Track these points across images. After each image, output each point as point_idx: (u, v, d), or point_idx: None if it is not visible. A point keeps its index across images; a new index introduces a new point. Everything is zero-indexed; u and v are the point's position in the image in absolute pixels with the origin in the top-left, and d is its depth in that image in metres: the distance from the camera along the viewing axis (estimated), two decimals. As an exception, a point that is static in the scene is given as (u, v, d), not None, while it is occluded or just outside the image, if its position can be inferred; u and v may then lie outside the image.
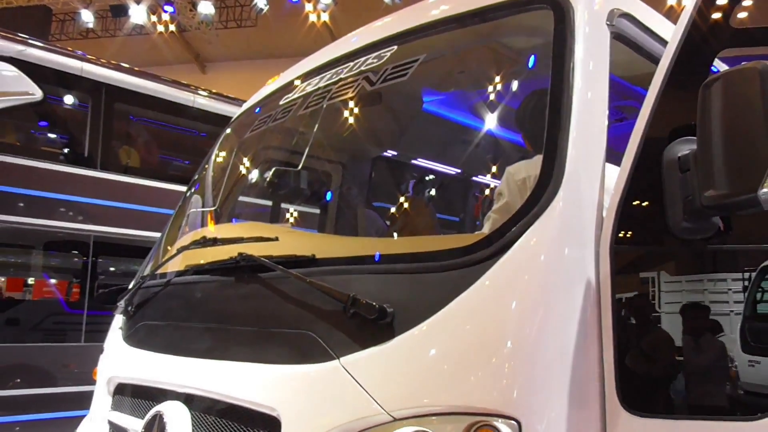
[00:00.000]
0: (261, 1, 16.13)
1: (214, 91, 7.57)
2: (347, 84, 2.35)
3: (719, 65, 1.88)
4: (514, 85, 2.15)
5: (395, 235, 2.33)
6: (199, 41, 20.39)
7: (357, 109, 2.36)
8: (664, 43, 1.68)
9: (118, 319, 2.62)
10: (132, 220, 6.08)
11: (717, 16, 1.57)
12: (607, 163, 1.70)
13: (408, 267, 1.65)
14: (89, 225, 5.93)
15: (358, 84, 2.30)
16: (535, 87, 2.04)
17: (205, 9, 17.02)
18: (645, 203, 1.57)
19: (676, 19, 1.64)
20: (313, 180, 3.05)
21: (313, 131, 2.42)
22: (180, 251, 2.49)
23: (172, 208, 3.26)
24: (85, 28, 18.96)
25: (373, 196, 3.07)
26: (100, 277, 6.14)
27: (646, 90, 1.60)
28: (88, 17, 18.20)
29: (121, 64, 6.87)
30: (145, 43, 18.81)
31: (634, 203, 1.54)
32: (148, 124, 7.61)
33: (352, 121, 2.36)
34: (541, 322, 1.45)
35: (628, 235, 1.54)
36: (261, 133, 2.93)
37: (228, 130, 3.31)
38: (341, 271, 1.78)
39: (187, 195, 3.18)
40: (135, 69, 6.92)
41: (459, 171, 2.22)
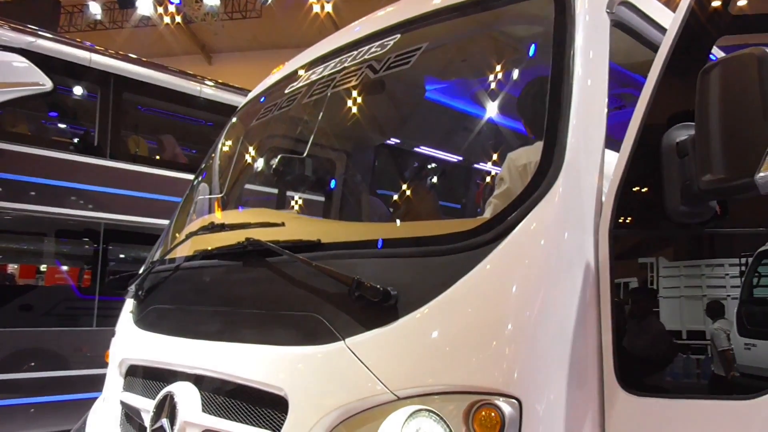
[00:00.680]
0: (265, -8, 16.11)
1: (220, 81, 7.60)
2: (351, 72, 2.38)
3: (718, 54, 1.89)
4: (515, 72, 2.17)
5: (398, 220, 2.37)
6: (205, 32, 20.39)
7: (361, 96, 2.39)
8: (664, 30, 1.69)
9: (129, 303, 2.68)
10: (141, 208, 6.15)
11: (716, 3, 1.59)
12: (606, 150, 1.73)
13: (411, 251, 1.68)
14: (100, 213, 6.01)
15: (362, 72, 2.32)
16: (535, 74, 2.06)
17: (211, 0, 17.03)
18: (643, 188, 1.59)
19: (675, 8, 1.65)
20: (317, 167, 3.08)
21: (318, 119, 2.45)
22: (188, 237, 2.54)
23: (179, 195, 3.31)
24: (93, 20, 19.02)
25: (377, 182, 3.10)
26: (111, 264, 6.22)
27: (646, 78, 1.62)
28: (95, 9, 18.26)
29: (129, 54, 6.91)
30: (152, 35, 18.85)
31: (632, 188, 1.57)
32: (156, 113, 7.67)
33: (355, 109, 2.39)
34: (541, 305, 1.49)
35: (627, 220, 1.57)
36: (266, 122, 2.97)
37: (234, 119, 3.35)
38: (346, 255, 1.81)
39: (195, 183, 3.23)
40: (143, 60, 6.96)
41: (461, 158, 2.24)
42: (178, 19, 18.67)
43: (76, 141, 6.47)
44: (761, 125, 1.35)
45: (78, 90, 6.54)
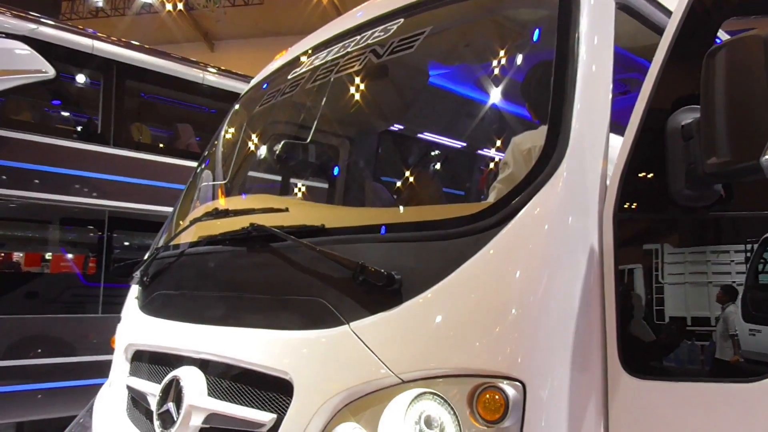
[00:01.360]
0: (268, -22, 15.98)
1: (223, 68, 7.58)
2: (354, 57, 2.37)
3: (724, 38, 1.88)
4: (520, 57, 2.15)
5: (402, 205, 2.37)
6: (207, 19, 20.29)
7: (364, 82, 2.38)
8: (669, 13, 1.68)
9: (135, 289, 2.69)
10: (145, 196, 6.16)
11: (722, -16, 1.57)
12: (611, 134, 1.72)
13: (415, 235, 1.69)
14: (103, 200, 6.03)
15: (365, 57, 2.31)
16: (540, 59, 2.04)
17: (213, -13, 16.93)
18: (648, 172, 1.59)
19: (681, -11, 1.63)
20: (321, 152, 3.08)
21: (321, 105, 2.45)
22: (193, 223, 2.55)
23: (183, 183, 3.32)
24: (95, 7, 18.94)
25: (380, 168, 3.10)
26: (116, 251, 6.25)
27: (651, 62, 1.61)
28: (97, -4, 18.19)
29: (131, 42, 6.89)
30: (154, 22, 18.78)
31: (637, 172, 1.56)
32: (159, 101, 7.66)
33: (359, 95, 2.39)
34: (545, 288, 1.49)
35: (631, 203, 1.57)
36: (269, 108, 2.96)
37: (237, 106, 3.35)
38: (350, 240, 1.82)
39: (198, 170, 3.23)
40: (145, 47, 6.94)
41: (465, 143, 2.24)
42: (180, 6, 18.58)
43: (79, 128, 6.48)
44: (766, 108, 1.34)
45: (81, 77, 6.53)
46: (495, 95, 2.10)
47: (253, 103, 3.17)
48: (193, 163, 3.49)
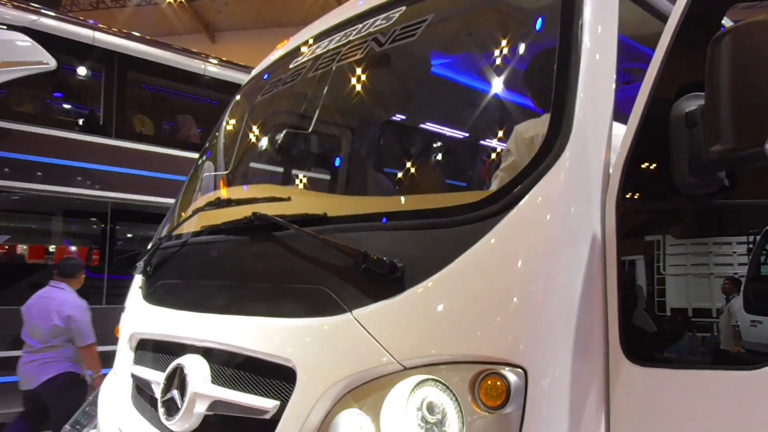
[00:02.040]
0: (269, -31, 15.89)
1: (224, 59, 7.57)
2: (356, 46, 2.36)
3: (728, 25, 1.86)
4: (523, 45, 2.14)
5: (404, 193, 2.37)
6: (208, 11, 20.23)
7: (366, 70, 2.37)
8: (674, 1, 1.67)
9: (138, 279, 2.70)
10: (147, 187, 6.17)
11: (728, -31, 1.56)
12: (615, 123, 1.71)
13: (417, 223, 1.68)
14: (106, 192, 6.04)
15: (367, 45, 2.30)
16: (543, 47, 2.03)
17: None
18: (651, 159, 1.58)
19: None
20: (323, 141, 3.08)
21: (323, 94, 2.44)
22: (195, 213, 2.55)
23: (185, 174, 3.32)
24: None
25: (383, 157, 3.10)
26: (119, 243, 6.27)
27: (655, 51, 1.60)
28: (97, -13, 18.12)
29: (132, 33, 6.88)
30: (155, 14, 18.74)
31: (640, 159, 1.56)
32: (161, 92, 7.65)
33: (361, 83, 2.38)
34: (547, 275, 1.49)
35: (634, 191, 1.56)
36: (271, 98, 2.95)
37: (238, 96, 3.34)
38: (352, 228, 1.82)
39: (201, 161, 3.23)
40: (146, 38, 6.92)
41: (468, 132, 2.23)
42: (181, -3, 18.52)
43: (81, 120, 6.48)
44: (772, 94, 1.33)
45: (82, 69, 6.52)
46: (498, 84, 2.09)
47: (255, 94, 3.16)
48: (195, 154, 3.49)
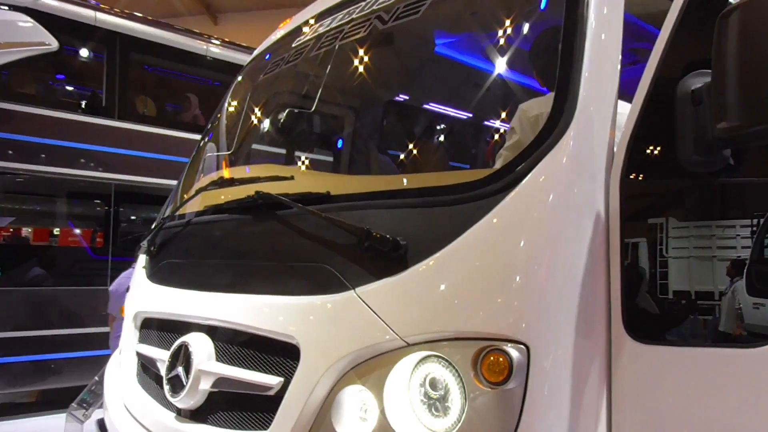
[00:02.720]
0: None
1: (227, 39, 7.51)
2: (359, 24, 2.33)
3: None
4: (528, 23, 2.12)
5: (408, 172, 2.36)
6: (211, -9, 20.04)
7: (369, 48, 2.35)
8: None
9: (142, 259, 2.72)
10: (151, 169, 6.18)
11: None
12: (620, 101, 1.70)
13: (420, 201, 1.68)
14: (109, 174, 6.05)
15: (370, 24, 2.28)
16: (549, 25, 2.01)
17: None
18: (656, 137, 1.57)
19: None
20: (326, 121, 3.06)
21: (326, 73, 2.42)
22: (198, 193, 2.55)
23: (188, 155, 3.32)
24: (96, -21, 18.72)
25: (386, 136, 3.08)
26: (123, 225, 6.30)
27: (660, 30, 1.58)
28: (98, -33, 17.94)
29: (134, 13, 6.83)
30: (157, -6, 18.53)
31: (644, 137, 1.55)
32: (163, 73, 7.61)
33: (364, 61, 2.36)
34: (550, 253, 1.49)
35: (638, 169, 1.56)
36: (274, 77, 2.94)
37: (241, 76, 3.32)
38: (355, 207, 1.81)
39: (203, 142, 3.23)
40: (149, 18, 6.87)
41: (472, 111, 2.22)
42: (183, -22, 18.32)
43: (83, 102, 6.46)
44: (780, 71, 1.32)
45: (84, 50, 6.49)
46: (503, 62, 2.07)
47: (257, 74, 3.14)
48: (198, 135, 3.49)
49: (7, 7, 5.54)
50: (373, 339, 1.54)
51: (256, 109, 3.02)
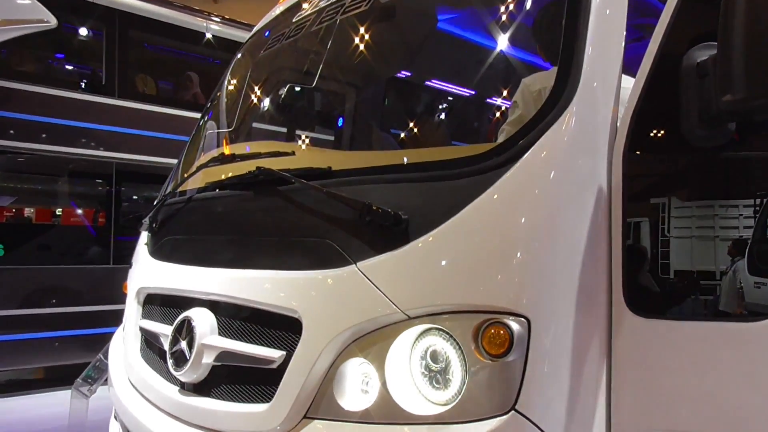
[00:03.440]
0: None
1: (227, 17, 7.43)
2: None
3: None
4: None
5: (410, 147, 2.35)
6: (210, -31, 19.75)
7: (371, 22, 2.32)
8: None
9: (144, 236, 2.72)
10: (151, 147, 6.16)
11: None
12: (625, 76, 1.68)
13: (421, 176, 1.68)
14: (110, 152, 6.04)
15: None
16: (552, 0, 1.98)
17: (215, -67, 16.34)
18: (660, 110, 1.56)
19: None
20: (327, 97, 3.04)
21: (327, 48, 2.40)
22: (200, 169, 2.55)
23: (188, 134, 3.30)
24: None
25: (388, 112, 3.06)
26: (124, 204, 6.31)
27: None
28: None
29: (132, -10, 6.73)
30: (155, -29, 18.29)
31: (648, 110, 1.54)
32: (163, 51, 7.55)
33: (366, 35, 2.33)
34: (552, 227, 1.49)
35: (641, 143, 1.55)
36: (274, 53, 2.91)
37: (240, 53, 3.29)
38: (357, 181, 1.81)
39: (204, 119, 3.21)
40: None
41: (476, 86, 2.20)
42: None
43: (83, 80, 6.42)
44: (786, 44, 1.30)
45: (83, 27, 6.43)
46: (506, 37, 2.05)
47: (258, 50, 3.11)
48: (199, 114, 3.47)
49: (5, -16, 5.47)
50: (375, 312, 1.55)
51: (257, 86, 2.99)
